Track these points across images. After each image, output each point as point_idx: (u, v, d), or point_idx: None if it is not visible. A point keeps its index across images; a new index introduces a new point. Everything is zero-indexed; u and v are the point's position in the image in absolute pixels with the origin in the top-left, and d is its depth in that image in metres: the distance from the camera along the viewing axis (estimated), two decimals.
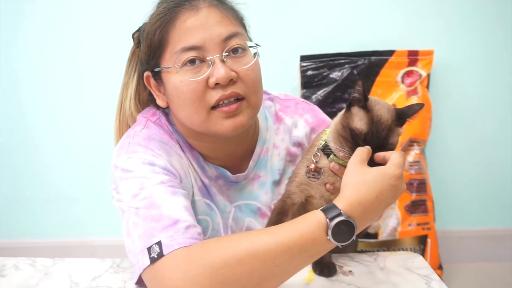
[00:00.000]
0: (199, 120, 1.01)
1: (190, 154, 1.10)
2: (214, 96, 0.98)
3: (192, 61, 0.98)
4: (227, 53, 0.99)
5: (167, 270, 0.83)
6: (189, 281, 0.80)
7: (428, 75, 2.27)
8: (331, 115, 1.09)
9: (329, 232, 0.82)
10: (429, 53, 2.24)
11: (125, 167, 0.98)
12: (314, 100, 2.23)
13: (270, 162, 1.17)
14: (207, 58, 0.98)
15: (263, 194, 1.16)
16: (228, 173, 1.12)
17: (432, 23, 2.31)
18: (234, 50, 1.00)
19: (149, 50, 1.03)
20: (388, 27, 2.31)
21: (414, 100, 2.23)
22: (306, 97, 2.25)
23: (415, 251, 2.20)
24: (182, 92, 0.99)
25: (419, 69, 2.24)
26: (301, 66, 2.26)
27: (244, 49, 1.02)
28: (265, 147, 1.17)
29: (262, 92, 1.08)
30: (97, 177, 2.15)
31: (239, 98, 1.00)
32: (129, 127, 1.13)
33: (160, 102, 1.08)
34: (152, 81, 1.07)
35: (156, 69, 1.03)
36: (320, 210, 0.85)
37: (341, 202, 0.84)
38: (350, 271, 1.03)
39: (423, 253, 2.25)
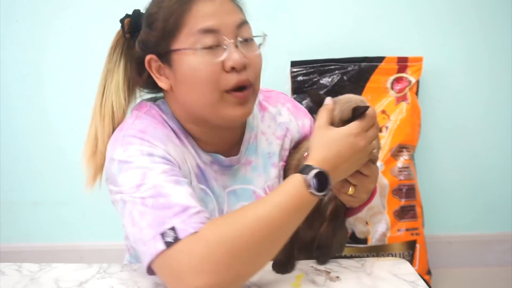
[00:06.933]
0: (211, 101, 1.04)
1: (186, 140, 1.12)
2: (230, 79, 1.03)
3: (209, 45, 1.03)
4: (241, 40, 1.04)
5: (184, 255, 0.86)
6: (210, 261, 0.85)
7: (418, 82, 2.29)
8: None
9: (311, 184, 0.94)
10: (419, 59, 2.26)
11: (123, 158, 1.00)
12: (304, 106, 2.22)
13: (260, 147, 1.22)
14: (224, 41, 1.02)
15: (257, 177, 1.21)
16: (222, 157, 1.15)
17: (421, 30, 2.33)
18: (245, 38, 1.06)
19: (162, 32, 1.04)
20: (378, 33, 2.33)
21: (403, 106, 2.25)
22: None
23: (404, 257, 2.21)
24: (201, 72, 1.02)
25: (409, 75, 2.26)
26: (292, 72, 2.27)
27: (252, 38, 1.09)
28: (253, 134, 1.22)
29: None
30: None
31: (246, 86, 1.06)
32: (112, 112, 1.13)
33: (162, 84, 1.09)
34: (153, 64, 1.08)
35: (172, 48, 1.04)
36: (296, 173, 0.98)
37: (310, 161, 0.97)
38: (337, 277, 1.04)
39: (412, 258, 2.25)
